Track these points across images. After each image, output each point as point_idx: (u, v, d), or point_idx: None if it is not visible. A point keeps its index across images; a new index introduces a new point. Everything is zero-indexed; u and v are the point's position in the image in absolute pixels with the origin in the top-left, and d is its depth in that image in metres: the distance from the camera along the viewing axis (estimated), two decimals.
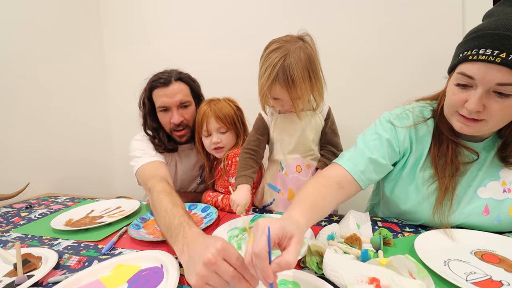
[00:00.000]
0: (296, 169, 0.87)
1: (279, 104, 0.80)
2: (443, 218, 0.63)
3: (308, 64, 0.73)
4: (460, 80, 0.54)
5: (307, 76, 0.74)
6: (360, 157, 0.67)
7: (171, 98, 0.96)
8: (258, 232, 0.41)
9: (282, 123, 0.87)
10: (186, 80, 1.02)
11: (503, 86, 0.49)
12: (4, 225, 0.87)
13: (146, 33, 1.53)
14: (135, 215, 0.88)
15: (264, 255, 0.38)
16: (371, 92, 1.21)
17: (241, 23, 1.34)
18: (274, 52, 0.73)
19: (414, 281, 0.42)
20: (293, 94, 0.74)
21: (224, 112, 0.92)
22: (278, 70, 0.71)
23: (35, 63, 1.26)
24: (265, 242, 0.39)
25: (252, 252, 0.39)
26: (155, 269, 0.55)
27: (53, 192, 1.29)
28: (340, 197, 0.64)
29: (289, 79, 0.71)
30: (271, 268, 0.38)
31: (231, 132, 0.95)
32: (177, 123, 0.98)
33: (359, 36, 1.19)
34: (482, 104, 0.51)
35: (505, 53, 0.47)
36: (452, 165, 0.62)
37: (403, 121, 0.68)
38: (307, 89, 0.75)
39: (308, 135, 0.85)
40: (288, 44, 0.73)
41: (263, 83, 0.75)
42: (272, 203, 0.91)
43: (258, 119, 0.91)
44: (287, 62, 0.71)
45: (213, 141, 0.93)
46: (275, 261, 0.39)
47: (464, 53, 0.53)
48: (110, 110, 1.67)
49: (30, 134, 1.24)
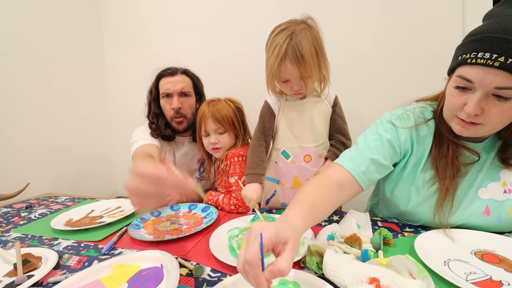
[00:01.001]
0: (304, 158, 0.87)
1: (287, 86, 0.81)
2: (443, 219, 0.63)
3: (314, 42, 0.75)
4: (459, 83, 0.54)
5: (314, 53, 0.75)
6: (361, 157, 0.67)
7: (174, 85, 1.07)
8: (251, 238, 0.40)
9: (290, 111, 0.87)
10: (191, 75, 1.13)
11: (502, 89, 0.48)
12: (4, 225, 0.87)
13: (146, 33, 1.53)
14: (135, 215, 0.88)
15: (256, 263, 0.37)
16: (370, 92, 1.21)
17: (240, 23, 1.34)
18: (280, 33, 0.75)
19: (414, 281, 0.42)
20: (304, 71, 0.75)
21: (222, 113, 0.93)
22: (287, 48, 0.73)
23: (35, 62, 1.27)
24: (257, 249, 0.38)
25: (244, 259, 0.38)
26: (155, 269, 0.55)
27: (53, 191, 1.29)
28: (341, 198, 0.63)
29: (298, 56, 0.72)
30: (264, 276, 0.37)
31: (229, 133, 0.95)
32: (176, 108, 1.06)
33: (359, 36, 1.19)
34: (481, 108, 0.51)
35: (503, 57, 0.47)
36: (453, 166, 0.62)
37: (404, 122, 0.67)
38: (315, 66, 0.76)
39: (317, 123, 0.86)
40: (293, 25, 0.75)
41: (272, 63, 0.75)
42: (274, 195, 0.92)
43: (264, 106, 0.91)
44: (295, 40, 0.73)
45: (210, 141, 0.94)
46: (268, 269, 0.38)
47: (463, 56, 0.52)
48: (111, 108, 1.68)
49: (31, 131, 1.25)
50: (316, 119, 0.86)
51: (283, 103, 0.87)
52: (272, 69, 0.76)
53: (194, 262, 0.59)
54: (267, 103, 0.90)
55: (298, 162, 0.88)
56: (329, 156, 0.87)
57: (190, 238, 0.70)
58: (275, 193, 0.92)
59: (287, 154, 0.88)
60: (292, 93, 0.83)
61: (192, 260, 0.60)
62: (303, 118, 0.86)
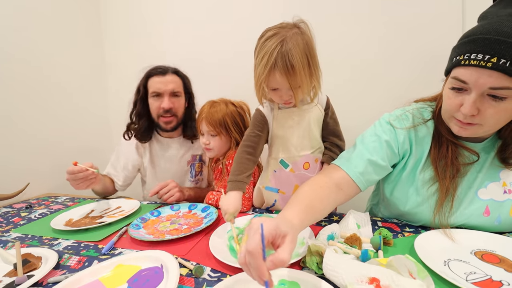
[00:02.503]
0: (303, 166, 0.85)
1: (277, 95, 0.75)
2: (443, 220, 0.63)
3: (306, 50, 0.70)
4: (454, 84, 0.55)
5: (306, 62, 0.70)
6: (359, 158, 0.67)
7: (165, 85, 1.06)
8: (252, 231, 0.41)
9: (284, 119, 0.82)
10: (181, 75, 1.13)
11: (496, 90, 0.49)
12: (4, 225, 0.87)
13: (146, 28, 1.53)
14: (135, 215, 0.88)
15: (258, 252, 0.38)
16: (370, 92, 1.21)
17: (244, 21, 1.34)
18: (270, 39, 0.69)
19: (414, 281, 0.42)
20: (293, 82, 0.70)
21: (216, 117, 0.95)
22: (276, 57, 0.67)
23: (35, 61, 1.27)
24: (258, 240, 0.39)
25: (246, 250, 0.39)
26: (155, 269, 0.55)
27: (53, 191, 1.29)
28: (339, 199, 0.64)
29: (288, 66, 0.67)
30: (265, 266, 0.38)
31: (220, 136, 0.97)
32: (167, 108, 1.07)
33: (359, 37, 1.18)
34: (477, 108, 0.52)
35: (496, 57, 0.47)
36: (452, 166, 0.62)
37: (402, 123, 0.67)
38: (306, 76, 0.71)
39: (313, 129, 0.83)
40: (284, 30, 0.69)
41: (260, 72, 0.70)
42: (275, 204, 0.91)
43: (256, 114, 0.85)
44: (285, 48, 0.67)
45: (202, 141, 0.99)
46: (269, 259, 0.39)
47: (457, 57, 0.53)
48: (112, 107, 1.67)
49: (31, 131, 1.25)
50: (312, 125, 0.83)
51: (276, 111, 0.82)
52: (260, 78, 0.71)
53: (194, 262, 0.59)
54: (259, 111, 0.84)
55: (297, 171, 0.85)
56: (325, 160, 0.85)
57: (190, 238, 0.70)
58: (275, 203, 0.90)
59: (285, 164, 0.85)
60: (282, 102, 0.79)
61: (192, 260, 0.60)
62: (299, 125, 0.82)
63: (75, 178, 0.90)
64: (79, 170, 0.89)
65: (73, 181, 0.91)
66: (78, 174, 0.89)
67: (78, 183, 0.91)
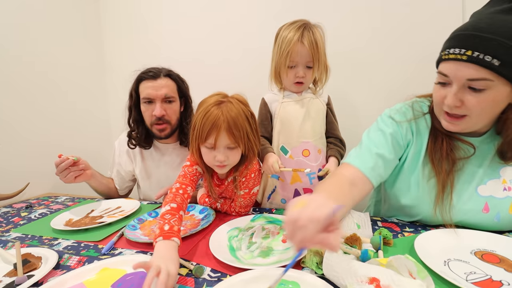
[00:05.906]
0: (302, 153, 0.89)
1: (292, 72, 0.85)
2: (444, 213, 0.63)
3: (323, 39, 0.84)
4: (439, 79, 0.59)
5: (323, 46, 0.84)
6: (368, 154, 0.68)
7: (156, 91, 0.97)
8: (316, 201, 0.41)
9: (288, 105, 0.89)
10: (175, 78, 1.04)
11: (474, 81, 0.52)
12: (4, 225, 0.87)
13: (146, 27, 1.52)
14: (135, 215, 0.88)
15: (322, 223, 0.38)
16: (370, 90, 1.21)
17: (240, 22, 1.33)
18: (293, 23, 0.83)
19: (414, 281, 0.42)
20: (315, 55, 0.81)
21: (238, 124, 0.69)
22: (303, 31, 0.80)
23: (34, 61, 1.26)
24: (331, 213, 0.38)
25: (313, 215, 0.38)
26: (140, 274, 0.53)
27: (53, 191, 1.29)
28: (355, 196, 0.62)
29: (313, 40, 0.81)
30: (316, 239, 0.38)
31: (238, 149, 0.74)
32: (159, 115, 0.98)
33: (359, 35, 1.19)
34: (459, 99, 0.55)
35: (470, 51, 0.51)
36: (448, 159, 0.63)
37: (403, 116, 0.69)
38: (322, 56, 0.84)
39: (314, 116, 0.89)
40: (304, 20, 0.84)
41: (285, 47, 0.81)
42: (274, 190, 0.94)
43: (262, 104, 0.94)
44: (310, 27, 0.82)
45: (217, 158, 0.71)
46: (320, 237, 0.38)
47: (441, 53, 0.58)
48: (112, 107, 1.67)
49: (31, 131, 1.25)
50: (313, 113, 0.89)
51: (281, 100, 0.90)
52: (284, 52, 0.81)
53: (194, 262, 0.59)
54: (264, 100, 0.93)
55: (296, 157, 0.89)
56: (332, 154, 0.90)
57: (190, 238, 0.70)
58: (275, 189, 0.94)
59: (285, 150, 0.90)
60: (294, 82, 0.86)
61: (192, 260, 0.60)
62: (301, 111, 0.88)
63: (60, 170, 0.90)
64: (61, 161, 0.90)
65: (60, 173, 0.91)
66: (61, 165, 0.90)
67: (65, 175, 0.91)
